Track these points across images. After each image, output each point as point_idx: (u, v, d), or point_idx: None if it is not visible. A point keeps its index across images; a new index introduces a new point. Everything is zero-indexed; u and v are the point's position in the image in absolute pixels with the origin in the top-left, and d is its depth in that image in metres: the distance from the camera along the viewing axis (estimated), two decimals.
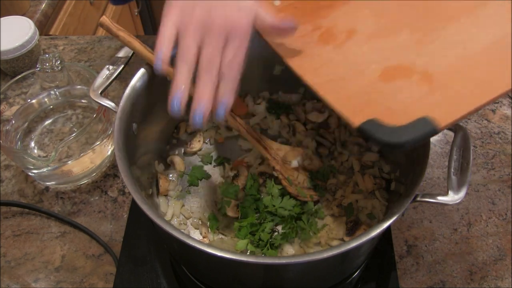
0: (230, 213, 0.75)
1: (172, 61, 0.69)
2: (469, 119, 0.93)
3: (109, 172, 0.87)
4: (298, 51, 0.61)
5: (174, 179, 0.80)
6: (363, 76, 0.56)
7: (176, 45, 0.56)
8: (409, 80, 0.53)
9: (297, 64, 0.60)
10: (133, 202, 0.82)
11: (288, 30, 0.59)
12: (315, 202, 0.75)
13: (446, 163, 0.84)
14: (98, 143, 0.81)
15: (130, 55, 0.70)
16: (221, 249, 0.52)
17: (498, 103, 0.96)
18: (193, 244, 0.52)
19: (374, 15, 0.62)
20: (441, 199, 0.56)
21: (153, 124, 0.77)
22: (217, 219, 0.74)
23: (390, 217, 0.54)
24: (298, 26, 0.60)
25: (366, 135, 0.50)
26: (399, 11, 0.61)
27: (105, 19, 0.66)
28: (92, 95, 0.66)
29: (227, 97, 0.54)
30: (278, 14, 0.65)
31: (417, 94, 0.52)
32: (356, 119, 0.51)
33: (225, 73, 0.54)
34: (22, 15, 1.14)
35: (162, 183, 0.77)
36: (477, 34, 0.55)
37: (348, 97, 0.54)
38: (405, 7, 0.61)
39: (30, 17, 1.21)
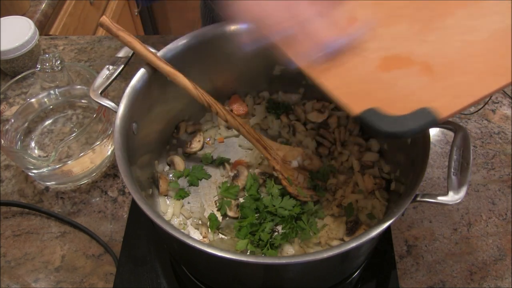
0: (230, 213, 0.75)
1: (173, 61, 0.70)
2: (469, 119, 0.93)
3: (109, 172, 0.87)
4: (295, 39, 0.59)
5: (174, 179, 0.80)
6: (362, 64, 0.55)
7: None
8: (409, 70, 0.53)
9: (294, 52, 0.58)
10: (133, 202, 0.82)
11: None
12: (315, 202, 0.75)
13: (446, 163, 0.84)
14: (98, 143, 0.81)
15: (130, 55, 0.70)
16: (221, 249, 0.52)
17: (498, 103, 0.96)
18: (193, 244, 0.52)
19: (374, 4, 0.61)
20: (441, 199, 0.55)
21: (153, 124, 0.77)
22: (217, 219, 0.74)
23: (390, 217, 0.54)
24: None
25: (366, 124, 0.49)
26: (399, 2, 0.61)
27: (105, 19, 0.66)
28: (92, 95, 0.66)
29: None
30: None
31: (416, 84, 0.52)
32: (355, 107, 0.50)
33: None
34: (22, 15, 1.14)
35: (162, 183, 0.77)
36: (476, 26, 0.54)
37: (347, 85, 0.53)
38: None
39: (30, 17, 1.21)
